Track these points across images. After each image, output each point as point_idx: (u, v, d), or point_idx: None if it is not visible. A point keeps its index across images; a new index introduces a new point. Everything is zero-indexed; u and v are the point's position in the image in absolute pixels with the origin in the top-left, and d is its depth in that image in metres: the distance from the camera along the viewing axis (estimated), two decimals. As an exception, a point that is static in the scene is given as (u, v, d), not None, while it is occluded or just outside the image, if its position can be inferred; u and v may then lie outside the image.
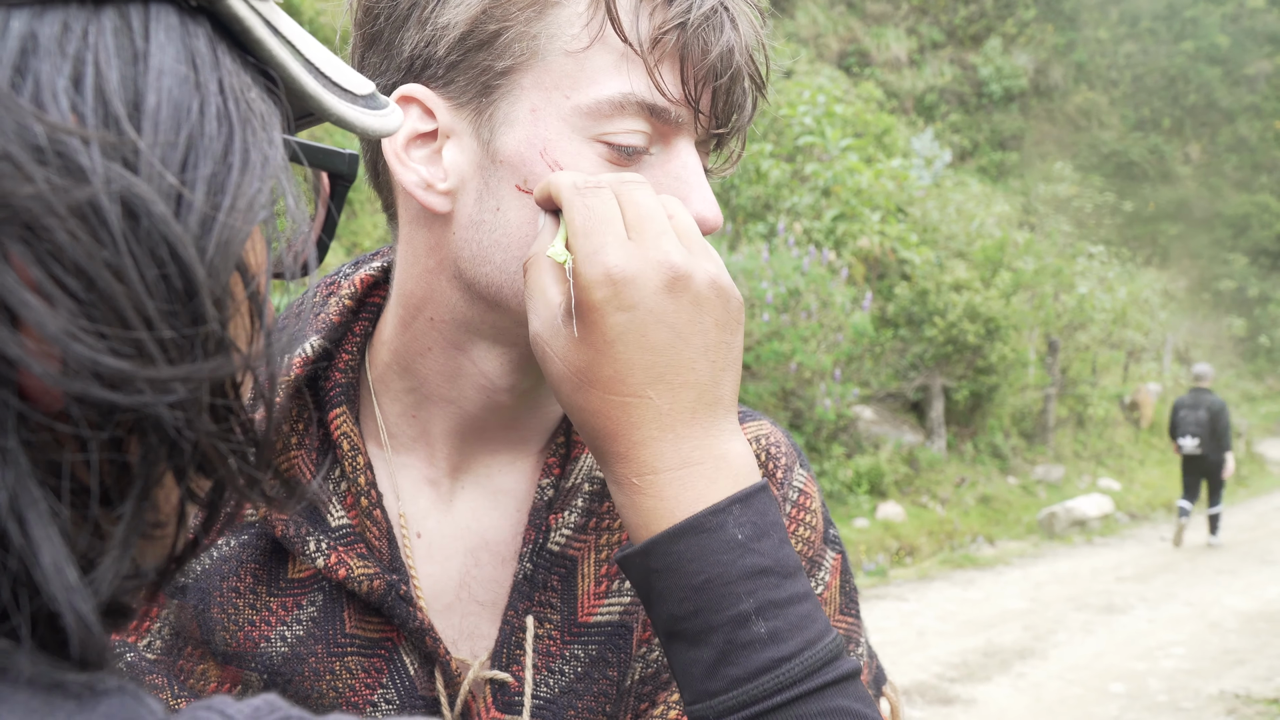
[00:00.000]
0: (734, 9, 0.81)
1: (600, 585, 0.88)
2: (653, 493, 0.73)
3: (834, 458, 11.73)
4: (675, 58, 0.79)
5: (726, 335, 0.75)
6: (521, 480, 0.91)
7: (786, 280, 10.75)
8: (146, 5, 0.45)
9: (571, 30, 0.78)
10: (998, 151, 29.71)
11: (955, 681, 6.94)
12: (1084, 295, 16.16)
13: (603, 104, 0.78)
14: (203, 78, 0.46)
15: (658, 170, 0.81)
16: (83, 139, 0.41)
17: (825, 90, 14.32)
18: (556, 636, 0.87)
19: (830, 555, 0.99)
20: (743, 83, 0.82)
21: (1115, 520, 13.77)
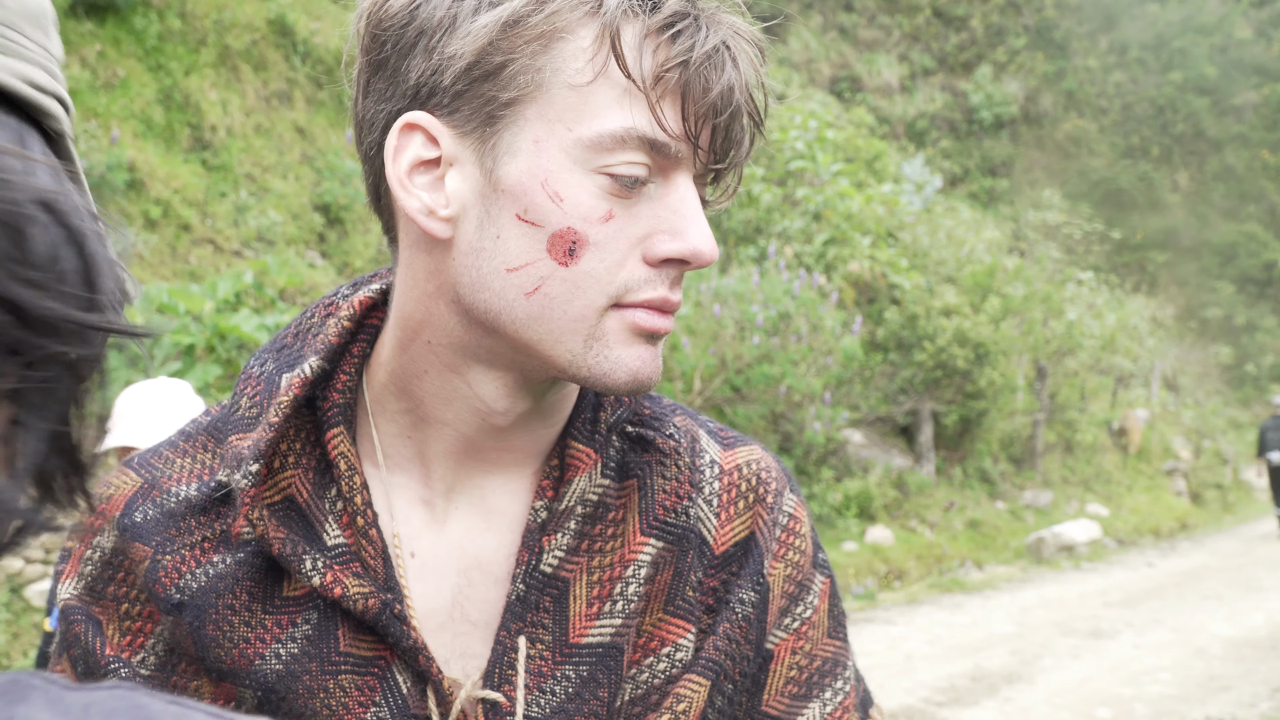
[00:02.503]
0: (735, 48, 0.83)
1: (592, 607, 0.90)
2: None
3: (823, 481, 11.76)
4: (677, 94, 0.81)
5: None
6: (515, 501, 0.92)
7: (777, 304, 10.80)
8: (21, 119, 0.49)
9: (576, 64, 0.80)
10: (988, 178, 29.91)
11: (942, 706, 6.95)
12: (1073, 321, 16.24)
13: (605, 137, 0.79)
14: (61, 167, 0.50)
15: (656, 204, 0.83)
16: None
17: (817, 115, 14.42)
18: (548, 657, 0.89)
19: (819, 579, 1.01)
20: (742, 120, 0.84)
21: (1103, 546, 13.80)
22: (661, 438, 0.95)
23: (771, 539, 0.98)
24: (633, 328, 0.83)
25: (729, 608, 0.94)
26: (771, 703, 0.97)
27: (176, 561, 0.89)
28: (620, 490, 0.93)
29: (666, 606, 0.93)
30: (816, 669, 0.99)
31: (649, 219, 0.83)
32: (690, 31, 0.81)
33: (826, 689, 0.99)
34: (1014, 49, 32.73)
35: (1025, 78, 32.36)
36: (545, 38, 0.80)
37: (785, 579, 0.98)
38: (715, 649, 0.93)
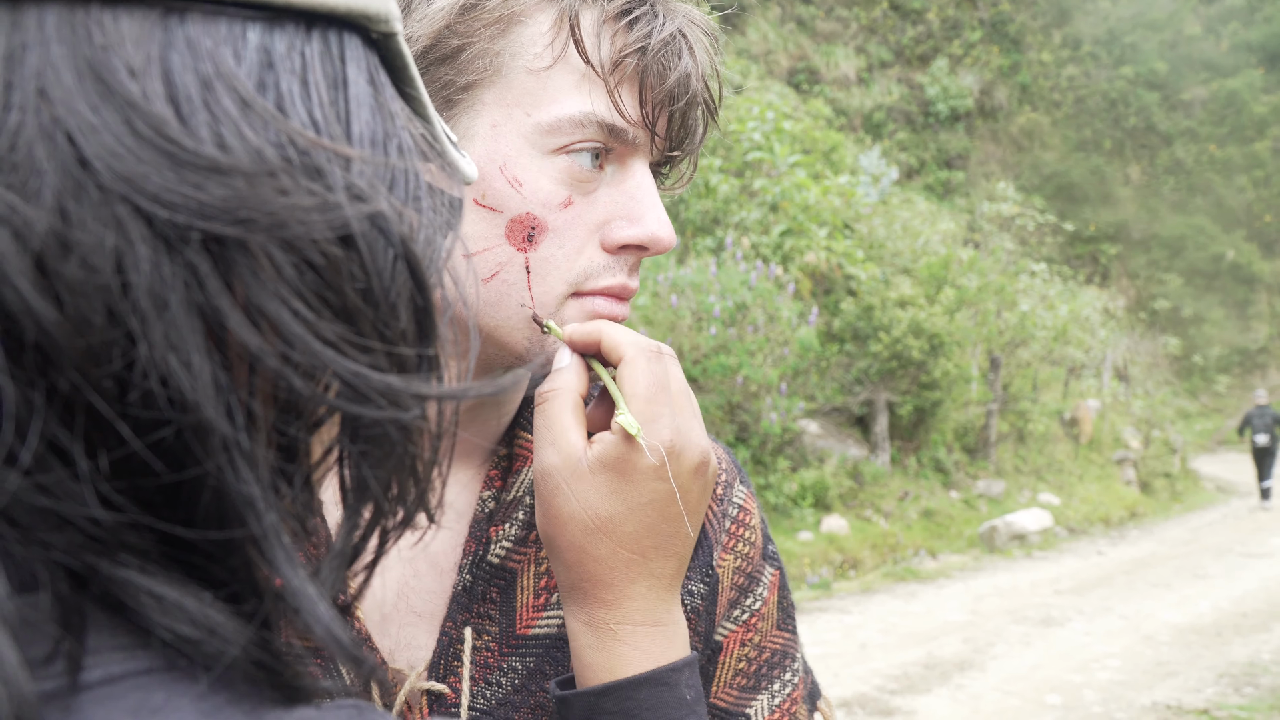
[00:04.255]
0: (691, 36, 0.84)
1: (539, 598, 0.89)
2: (629, 641, 0.78)
3: (779, 471, 11.81)
4: (634, 81, 0.81)
5: (699, 521, 0.82)
6: (463, 492, 0.91)
7: (734, 294, 10.82)
8: (340, 33, 0.47)
9: (534, 49, 0.80)
10: (943, 170, 30.16)
11: (895, 693, 7.00)
12: (1025, 313, 16.42)
13: (563, 122, 0.80)
14: (387, 107, 0.48)
15: (613, 189, 0.83)
16: (324, 149, 0.43)
17: (774, 107, 14.44)
18: (494, 648, 0.88)
19: (769, 571, 1.01)
20: (697, 108, 0.85)
21: (1054, 534, 13.98)
22: None
23: (721, 530, 0.98)
24: (592, 314, 0.83)
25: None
26: (720, 694, 0.97)
27: None
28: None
29: None
30: (765, 661, 0.99)
31: (606, 205, 0.83)
32: (647, 19, 0.81)
33: (775, 681, 0.99)
34: (970, 42, 33.01)
35: (980, 71, 32.66)
36: (503, 21, 0.79)
37: (735, 570, 0.98)
38: None
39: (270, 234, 0.41)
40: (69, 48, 0.41)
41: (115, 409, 0.40)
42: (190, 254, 0.40)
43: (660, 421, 0.77)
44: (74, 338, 0.39)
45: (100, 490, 0.40)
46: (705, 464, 0.80)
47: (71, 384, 0.39)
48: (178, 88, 0.41)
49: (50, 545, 0.40)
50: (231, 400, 0.41)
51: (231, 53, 0.43)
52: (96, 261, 0.39)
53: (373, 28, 0.48)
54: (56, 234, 0.39)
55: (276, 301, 0.41)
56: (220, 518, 0.42)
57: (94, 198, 0.39)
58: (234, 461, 0.41)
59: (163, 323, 0.39)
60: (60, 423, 0.40)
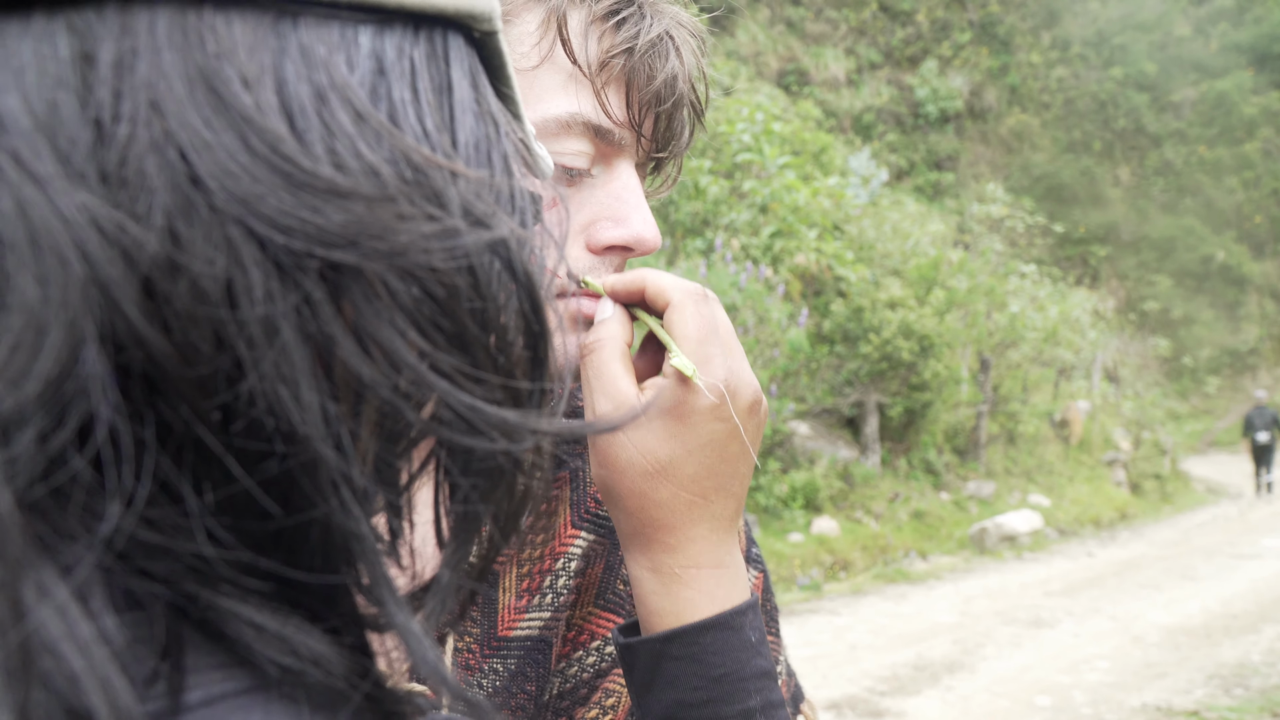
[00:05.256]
0: (679, 38, 0.84)
1: (521, 600, 0.89)
2: (695, 585, 0.78)
3: (769, 473, 11.79)
4: (621, 82, 0.82)
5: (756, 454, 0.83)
6: None
7: (723, 296, 10.80)
8: (445, 34, 0.45)
9: (521, 49, 0.80)
10: (933, 171, 30.20)
11: (885, 695, 6.99)
12: (1015, 314, 16.45)
13: (550, 122, 0.80)
14: (488, 112, 0.46)
15: (599, 190, 0.83)
16: (438, 168, 0.41)
17: (764, 108, 14.44)
18: (476, 650, 0.88)
19: (752, 574, 1.01)
20: (684, 110, 0.86)
21: (1044, 536, 14.00)
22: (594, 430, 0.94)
23: None
24: (576, 315, 0.84)
25: None
26: None
27: None
28: (553, 481, 0.93)
29: (597, 600, 0.93)
30: None
31: (592, 206, 0.83)
32: (635, 20, 0.82)
33: None
34: (959, 44, 33.08)
35: (970, 72, 32.73)
36: None
37: None
38: None
39: (389, 262, 0.39)
40: (181, 55, 0.39)
41: (222, 441, 0.39)
42: (306, 281, 0.38)
43: (714, 362, 0.78)
44: (182, 367, 0.37)
45: (207, 526, 0.39)
46: (759, 402, 0.81)
47: (180, 417, 0.38)
48: (292, 100, 0.40)
49: (152, 576, 0.39)
50: (341, 432, 0.40)
51: (345, 60, 0.41)
52: (207, 286, 0.37)
53: (476, 26, 0.46)
54: (167, 257, 0.37)
55: (390, 330, 0.40)
56: (327, 553, 0.41)
57: (206, 219, 0.38)
58: (343, 497, 0.40)
59: (274, 352, 0.38)
60: (169, 456, 0.39)
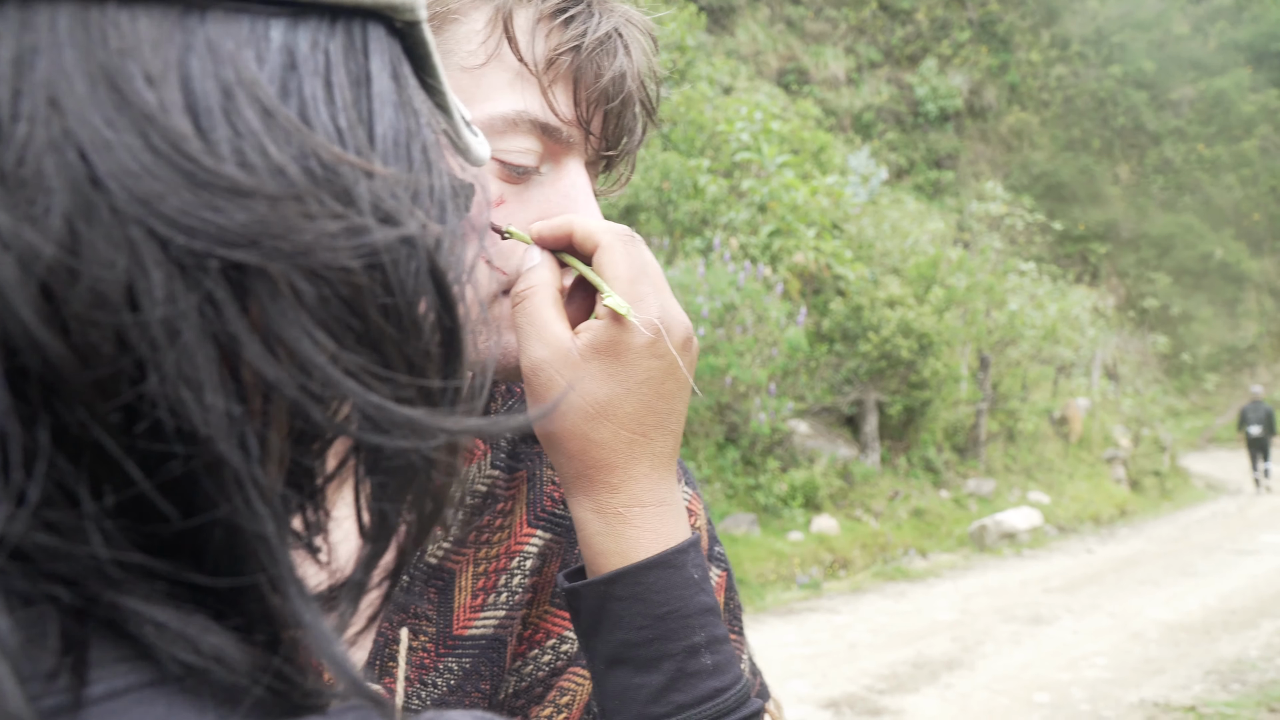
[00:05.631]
0: (628, 35, 0.84)
1: (477, 599, 0.89)
2: (639, 524, 0.79)
3: (769, 471, 11.81)
4: (569, 79, 0.82)
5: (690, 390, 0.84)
6: None
7: (722, 295, 10.82)
8: (365, 25, 0.44)
9: (469, 47, 0.80)
10: (933, 170, 30.20)
11: (884, 693, 7.01)
12: (1014, 312, 16.44)
13: (496, 120, 0.80)
14: (410, 103, 0.45)
15: (548, 188, 0.84)
16: (350, 165, 0.40)
17: (762, 107, 14.45)
18: (431, 649, 0.88)
19: (715, 572, 1.01)
20: (633, 107, 0.85)
21: (1044, 533, 14.01)
22: None
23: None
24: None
25: None
26: None
27: None
28: (510, 481, 0.92)
29: (553, 599, 0.93)
30: None
31: (540, 204, 0.83)
32: (583, 17, 0.82)
33: None
34: (959, 42, 33.08)
35: (969, 71, 32.72)
36: (437, 19, 0.80)
37: None
38: None
39: (293, 261, 0.39)
40: (83, 52, 0.38)
41: (122, 443, 0.38)
42: (208, 281, 0.38)
43: (647, 300, 0.79)
44: (80, 370, 0.37)
45: (105, 529, 0.39)
46: (690, 338, 0.82)
47: (77, 419, 0.38)
48: (197, 97, 0.39)
49: (53, 577, 0.38)
50: (245, 432, 0.39)
51: (254, 55, 0.41)
52: (107, 289, 0.37)
53: (398, 17, 0.45)
54: (64, 260, 0.36)
55: (296, 329, 0.39)
56: (232, 555, 0.41)
57: (106, 220, 0.37)
58: (247, 498, 0.40)
59: (175, 352, 0.38)
60: (66, 458, 0.38)
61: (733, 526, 10.79)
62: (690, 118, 14.37)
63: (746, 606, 9.27)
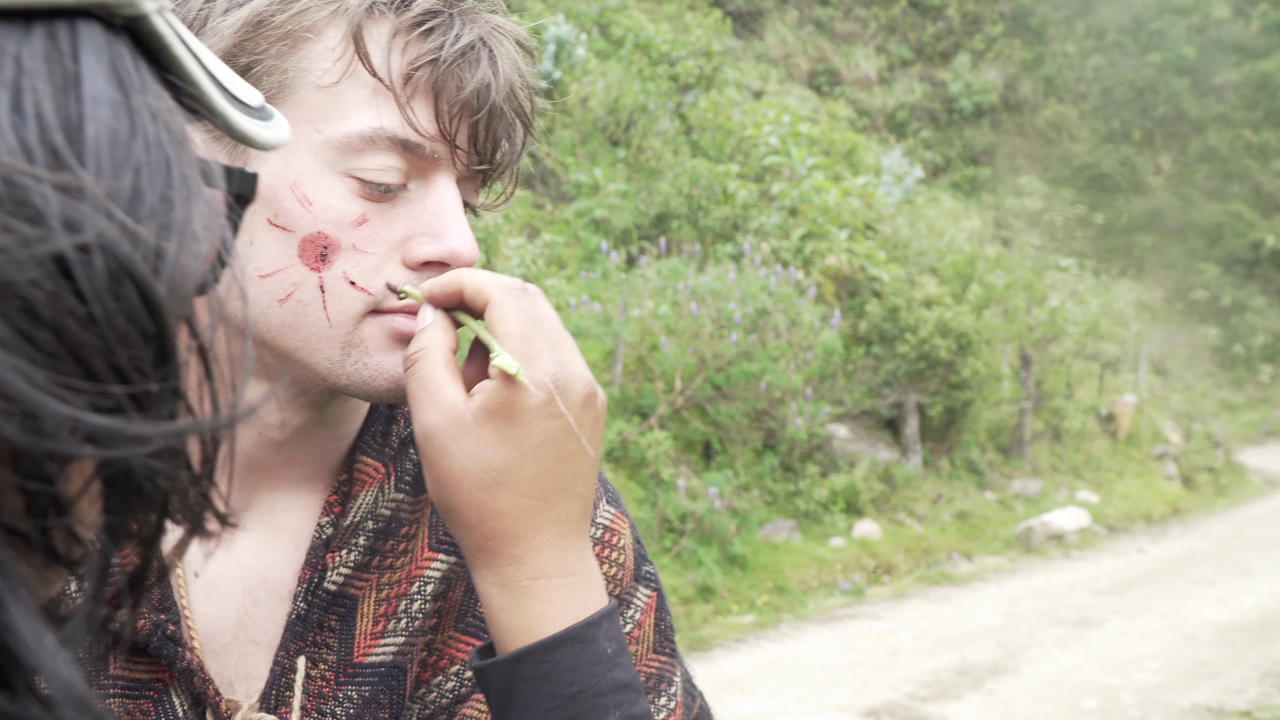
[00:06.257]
0: (494, 45, 0.81)
1: (378, 625, 0.88)
2: (545, 597, 0.75)
3: (809, 477, 11.69)
4: (429, 93, 0.79)
5: (598, 452, 0.80)
6: (303, 518, 0.89)
7: (754, 300, 10.73)
8: (73, 24, 0.41)
9: (323, 65, 0.78)
10: (970, 167, 29.87)
11: (926, 700, 6.87)
12: (1055, 308, 16.20)
13: (353, 138, 0.77)
14: (134, 103, 0.42)
15: (415, 206, 0.81)
16: (35, 178, 0.38)
17: (790, 110, 14.36)
18: (330, 678, 0.86)
19: (643, 592, 0.98)
20: (503, 119, 0.82)
21: (1093, 533, 13.75)
22: None
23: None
24: (393, 333, 0.81)
25: None
26: None
27: None
28: (415, 505, 0.90)
29: (457, 624, 0.91)
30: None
31: (407, 221, 0.81)
32: (443, 29, 0.79)
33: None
34: (991, 36, 32.72)
35: (1004, 65, 32.36)
36: (291, 38, 0.78)
37: None
38: None
39: None
40: None
41: None
42: None
43: (540, 357, 0.75)
44: None
45: None
46: (593, 395, 0.78)
47: None
48: None
49: None
50: None
51: None
52: None
53: (115, 13, 0.42)
54: None
55: None
56: None
57: None
58: None
59: None
60: None
61: (773, 533, 10.68)
62: (718, 123, 14.32)
63: (788, 614, 9.17)
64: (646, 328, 10.84)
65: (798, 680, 7.23)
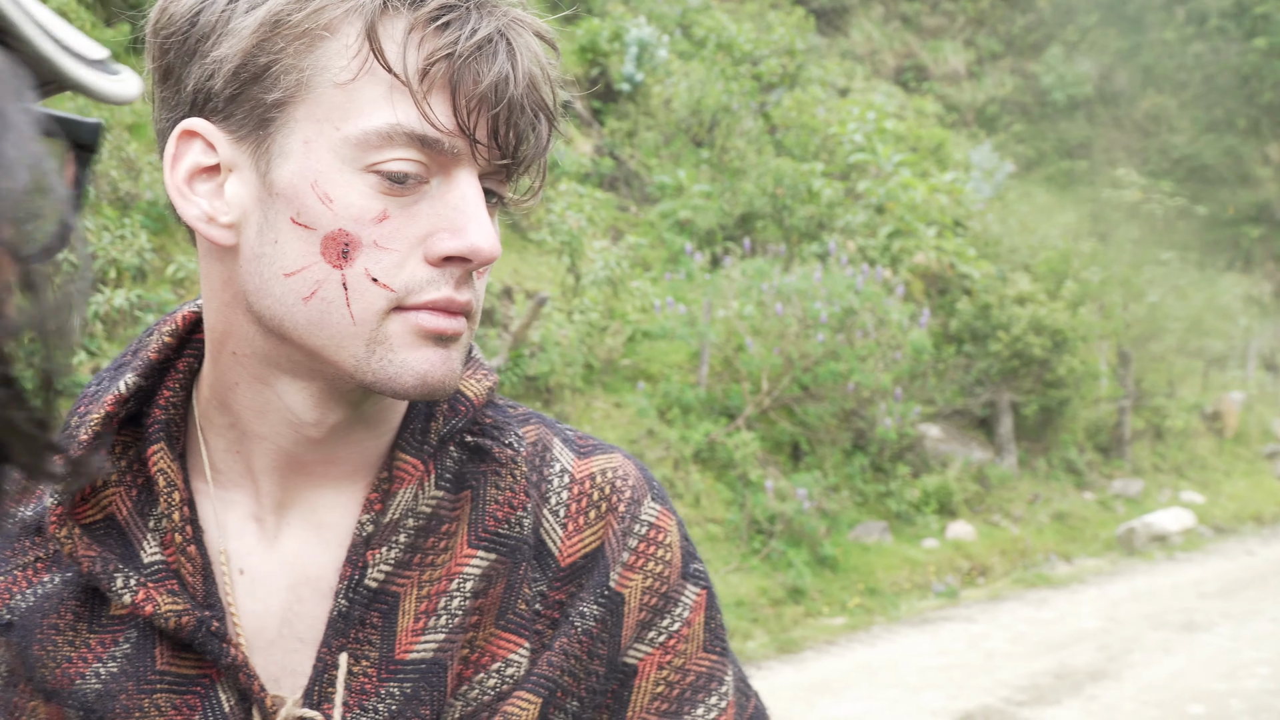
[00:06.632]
0: (513, 38, 0.80)
1: (418, 622, 0.88)
2: None
3: (900, 478, 11.52)
4: (446, 88, 0.79)
5: None
6: (346, 515, 0.90)
7: (841, 299, 10.62)
8: None
9: (340, 62, 0.78)
10: (1065, 160, 29.16)
11: (1023, 705, 6.72)
12: (1155, 304, 15.71)
13: (370, 135, 0.78)
14: None
15: (437, 202, 0.81)
16: None
17: (876, 107, 14.19)
18: (373, 674, 0.87)
19: (691, 590, 0.97)
20: (524, 112, 0.81)
21: (1199, 535, 13.29)
22: (499, 446, 0.92)
23: (623, 549, 0.94)
24: (417, 330, 0.81)
25: (568, 621, 0.92)
26: (636, 719, 0.94)
27: (8, 582, 0.89)
28: (455, 502, 0.90)
29: (498, 621, 0.90)
30: (689, 685, 0.95)
31: (429, 218, 0.81)
32: (459, 23, 0.79)
33: (699, 705, 0.95)
34: (1085, 26, 31.89)
35: (1099, 55, 31.50)
36: (309, 36, 0.78)
37: (645, 591, 0.95)
38: (549, 665, 0.90)
39: None
40: None
41: None
42: None
43: None
44: None
45: None
46: None
47: None
48: None
49: None
50: None
51: None
52: None
53: None
54: None
55: None
56: None
57: None
58: None
59: None
60: None
61: (864, 535, 10.55)
62: (802, 122, 14.21)
63: (880, 616, 9.05)
64: (732, 329, 10.80)
65: (890, 683, 7.13)
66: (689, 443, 9.95)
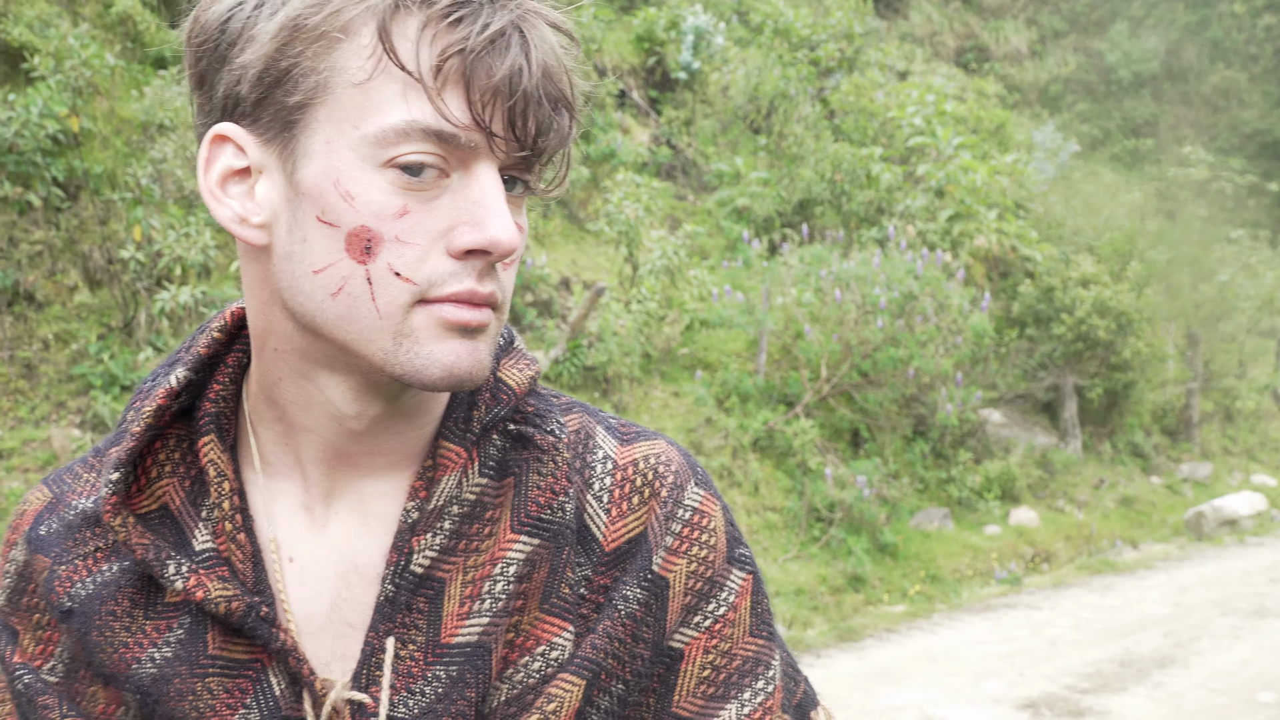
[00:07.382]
0: (527, 30, 0.81)
1: (464, 606, 0.90)
2: None
3: (961, 464, 11.43)
4: (460, 82, 0.80)
5: None
6: (392, 504, 0.92)
7: (900, 284, 10.54)
8: None
9: (357, 63, 0.80)
10: (1131, 139, 28.53)
11: (1088, 693, 6.66)
12: (1225, 283, 15.35)
13: (387, 132, 0.79)
14: None
15: (457, 195, 0.83)
16: None
17: (935, 89, 14.02)
18: (419, 658, 0.89)
19: (737, 575, 0.98)
20: (540, 105, 0.82)
21: (1270, 519, 13.01)
22: (541, 434, 0.94)
23: (666, 533, 0.95)
24: (441, 322, 0.83)
25: (612, 605, 0.92)
26: (683, 704, 0.95)
27: (69, 570, 0.92)
28: (499, 489, 0.92)
29: (542, 605, 0.92)
30: (736, 669, 0.96)
31: (449, 211, 0.82)
32: (471, 18, 0.80)
33: (745, 689, 0.95)
34: (1151, 2, 31.13)
35: (1165, 31, 30.72)
36: (326, 39, 0.80)
37: (690, 575, 0.95)
38: (593, 648, 0.91)
39: None
40: None
41: None
42: None
43: None
44: None
45: None
46: None
47: None
48: None
49: None
50: None
51: None
52: None
53: None
54: None
55: None
56: None
57: None
58: None
59: None
60: None
61: (925, 521, 10.49)
62: (860, 106, 14.08)
63: (942, 604, 9.00)
64: (790, 315, 10.78)
65: (951, 671, 7.10)
66: (748, 431, 9.96)
